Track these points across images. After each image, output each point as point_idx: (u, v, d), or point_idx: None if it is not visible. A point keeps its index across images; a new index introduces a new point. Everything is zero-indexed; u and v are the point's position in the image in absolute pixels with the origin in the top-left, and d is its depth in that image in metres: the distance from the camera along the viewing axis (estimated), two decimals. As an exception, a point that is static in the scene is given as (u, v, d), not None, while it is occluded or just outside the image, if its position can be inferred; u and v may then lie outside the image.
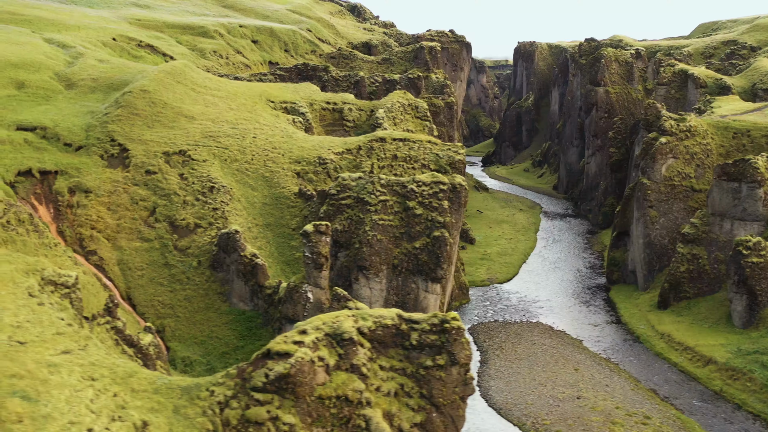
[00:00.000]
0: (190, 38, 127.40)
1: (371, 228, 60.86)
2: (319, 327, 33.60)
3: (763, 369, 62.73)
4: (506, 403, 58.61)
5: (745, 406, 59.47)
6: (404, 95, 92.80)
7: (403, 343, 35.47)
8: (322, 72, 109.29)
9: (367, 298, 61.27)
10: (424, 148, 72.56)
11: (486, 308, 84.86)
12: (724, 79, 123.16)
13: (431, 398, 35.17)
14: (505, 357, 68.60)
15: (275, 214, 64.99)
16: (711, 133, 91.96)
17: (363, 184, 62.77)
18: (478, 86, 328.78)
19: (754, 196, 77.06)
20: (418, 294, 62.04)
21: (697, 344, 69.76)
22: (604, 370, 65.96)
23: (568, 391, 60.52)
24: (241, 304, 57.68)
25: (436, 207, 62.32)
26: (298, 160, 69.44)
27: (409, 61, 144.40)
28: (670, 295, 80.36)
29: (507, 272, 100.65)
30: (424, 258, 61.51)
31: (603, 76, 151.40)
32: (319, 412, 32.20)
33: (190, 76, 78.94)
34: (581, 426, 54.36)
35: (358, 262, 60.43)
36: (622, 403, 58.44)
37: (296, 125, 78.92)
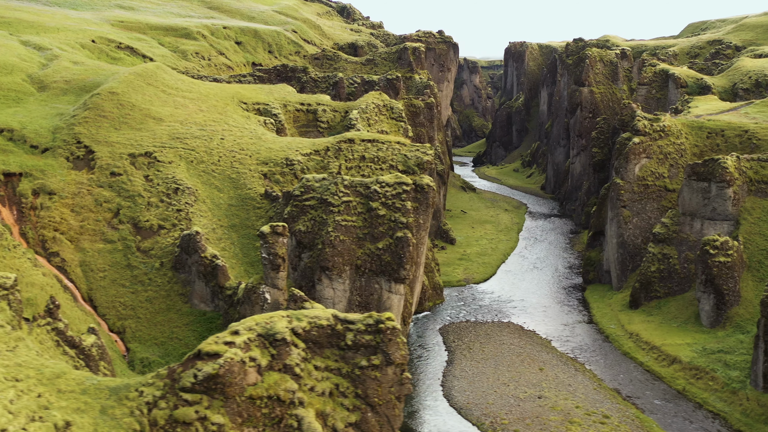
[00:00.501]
0: (172, 40, 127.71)
1: (334, 229, 61.11)
2: (252, 328, 33.86)
3: (726, 368, 62.99)
4: (467, 402, 58.87)
5: (706, 405, 59.73)
6: (380, 96, 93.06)
7: (338, 344, 35.73)
8: (301, 73, 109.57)
9: (331, 298, 61.52)
10: (392, 149, 72.82)
11: (459, 308, 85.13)
12: (705, 79, 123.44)
13: (366, 398, 35.43)
14: (472, 357, 68.84)
15: (241, 215, 65.26)
16: (685, 133, 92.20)
17: (326, 185, 63.04)
18: (471, 86, 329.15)
19: (724, 195, 77.31)
20: (382, 294, 62.28)
21: (664, 344, 70.03)
22: (569, 369, 66.20)
23: (530, 391, 60.77)
24: (202, 305, 57.95)
25: (399, 208, 62.57)
26: (265, 161, 69.70)
27: (393, 62, 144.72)
28: (641, 295, 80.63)
29: (484, 272, 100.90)
30: (387, 258, 61.75)
31: (587, 76, 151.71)
32: (250, 412, 32.45)
33: (162, 78, 79.21)
34: (539, 425, 54.61)
35: (321, 263, 60.68)
36: (583, 403, 58.69)
37: (267, 127, 79.18)
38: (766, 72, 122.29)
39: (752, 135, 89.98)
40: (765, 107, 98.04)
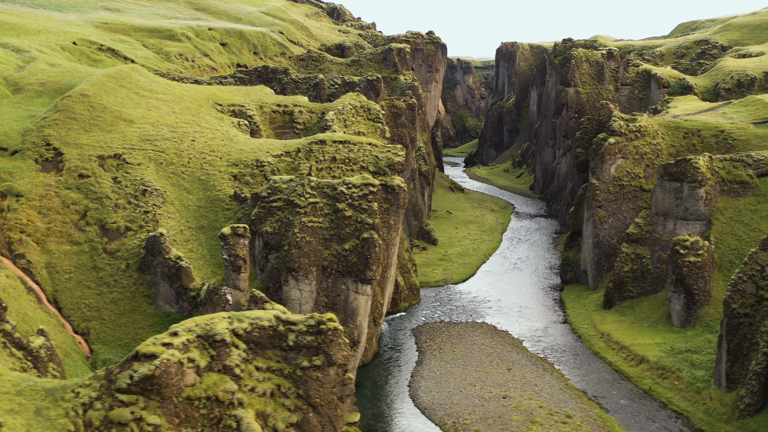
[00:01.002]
0: (156, 41, 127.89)
1: (300, 230, 61.35)
2: (191, 329, 34.11)
3: (691, 368, 63.25)
4: (432, 403, 59.10)
5: (670, 404, 59.98)
6: (357, 97, 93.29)
7: (280, 344, 35.97)
8: (282, 74, 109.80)
9: (297, 299, 61.77)
10: (363, 150, 73.06)
11: (435, 309, 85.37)
12: (687, 79, 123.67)
13: (308, 398, 35.69)
14: (442, 357, 69.08)
15: (209, 217, 65.50)
16: (662, 133, 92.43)
17: (293, 186, 63.29)
18: (464, 87, 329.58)
19: (695, 195, 77.56)
20: (348, 295, 62.53)
21: (633, 343, 70.28)
22: (537, 369, 66.43)
23: (495, 391, 61.02)
24: (167, 307, 58.20)
25: (366, 209, 62.81)
26: (235, 162, 69.95)
27: (379, 63, 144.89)
28: (615, 295, 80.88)
29: (464, 273, 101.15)
30: (354, 259, 61.99)
31: (573, 76, 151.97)
32: (188, 413, 32.70)
33: (136, 80, 79.47)
34: (500, 425, 54.85)
35: (287, 264, 60.90)
36: (547, 403, 58.91)
37: (241, 128, 79.43)
38: (747, 72, 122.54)
39: (728, 135, 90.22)
40: (742, 107, 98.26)
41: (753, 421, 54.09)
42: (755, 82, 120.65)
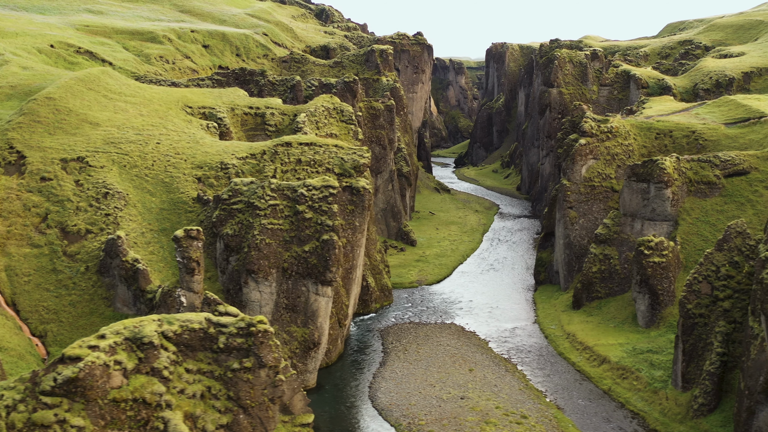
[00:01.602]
0: (137, 43, 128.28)
1: (260, 232, 61.64)
2: (119, 331, 34.41)
3: (651, 368, 63.51)
4: (390, 403, 59.36)
5: (628, 404, 60.23)
6: (330, 99, 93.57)
7: (211, 347, 36.28)
8: (260, 76, 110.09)
9: (257, 301, 62.07)
10: (329, 152, 73.34)
11: (406, 310, 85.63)
12: (666, 80, 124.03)
13: (238, 400, 35.97)
14: (406, 358, 69.34)
15: (172, 219, 65.79)
16: (634, 134, 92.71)
17: (254, 188, 63.58)
18: (456, 87, 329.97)
19: (662, 196, 77.82)
20: (309, 297, 62.82)
21: (597, 344, 70.53)
22: (499, 370, 66.69)
23: (454, 392, 61.26)
24: (125, 309, 58.49)
25: (326, 211, 63.11)
26: (200, 165, 70.25)
27: (361, 64, 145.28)
28: (583, 296, 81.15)
29: (439, 274, 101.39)
30: (314, 261, 62.28)
31: (556, 77, 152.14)
32: (114, 415, 32.99)
33: (105, 83, 79.78)
34: (454, 426, 55.10)
35: (247, 266, 61.20)
36: (504, 403, 59.17)
37: (210, 131, 79.72)
38: (726, 72, 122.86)
39: (699, 136, 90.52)
40: (715, 108, 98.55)
41: (706, 421, 54.36)
42: (734, 82, 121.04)
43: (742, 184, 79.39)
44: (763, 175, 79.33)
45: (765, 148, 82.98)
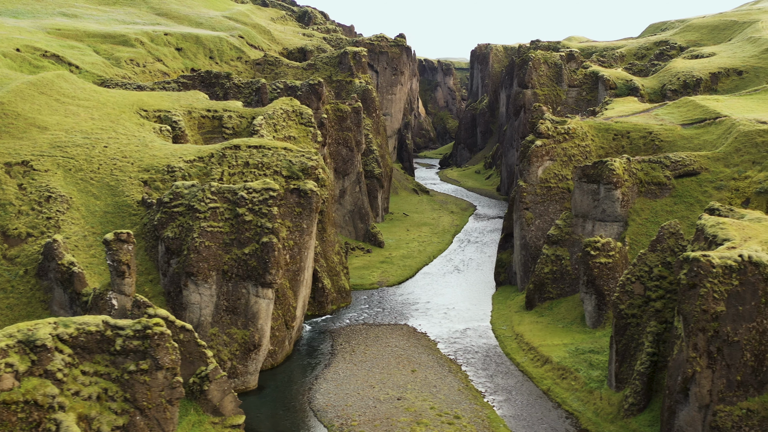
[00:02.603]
0: (109, 47, 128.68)
1: (199, 235, 62.07)
2: (12, 334, 34.83)
3: (589, 368, 63.91)
4: (326, 405, 59.75)
5: (564, 404, 60.63)
6: (290, 102, 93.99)
7: (108, 349, 36.69)
8: (225, 79, 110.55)
9: (197, 303, 62.52)
10: (278, 155, 73.77)
11: (362, 311, 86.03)
12: (634, 81, 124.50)
13: (135, 402, 36.39)
14: (351, 359, 69.72)
15: (116, 222, 66.21)
16: (591, 135, 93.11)
17: (195, 191, 64.02)
18: (445, 88, 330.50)
19: (612, 197, 78.23)
20: (249, 299, 63.26)
21: (542, 344, 70.93)
22: (442, 371, 67.07)
23: (392, 393, 61.65)
24: (61, 312, 58.91)
25: (266, 213, 63.54)
26: (147, 168, 70.69)
27: (334, 66, 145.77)
28: (535, 296, 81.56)
29: (402, 275, 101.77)
30: (254, 263, 62.72)
31: (531, 78, 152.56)
32: (4, 417, 33.39)
33: (59, 87, 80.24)
34: (386, 426, 55.50)
35: (186, 269, 61.63)
36: (440, 404, 59.54)
37: (163, 134, 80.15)
38: (694, 73, 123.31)
39: (655, 137, 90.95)
40: (675, 109, 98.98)
41: (635, 421, 54.76)
42: (701, 83, 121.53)
43: (692, 184, 79.85)
44: (713, 175, 79.78)
45: (717, 149, 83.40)
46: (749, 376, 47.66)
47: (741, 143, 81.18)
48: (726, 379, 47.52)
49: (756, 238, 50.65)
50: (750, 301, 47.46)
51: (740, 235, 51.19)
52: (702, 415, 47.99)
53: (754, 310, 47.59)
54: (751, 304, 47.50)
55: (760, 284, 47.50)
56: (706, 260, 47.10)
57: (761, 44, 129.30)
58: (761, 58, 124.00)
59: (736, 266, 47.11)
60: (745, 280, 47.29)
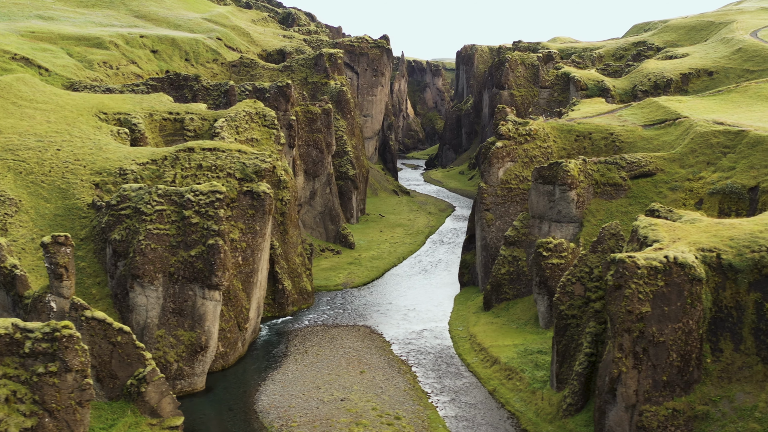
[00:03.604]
0: (82, 49, 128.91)
1: (145, 237, 62.38)
2: None
3: (534, 369, 64.23)
4: (270, 406, 60.06)
5: (507, 405, 60.93)
6: (253, 104, 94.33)
7: (18, 351, 37.01)
8: (194, 81, 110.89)
9: (144, 305, 62.80)
10: (232, 157, 74.09)
11: (323, 312, 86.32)
12: (605, 81, 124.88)
13: (44, 404, 36.70)
14: (302, 361, 70.02)
15: (65, 225, 66.51)
16: (553, 136, 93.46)
17: (141, 194, 64.33)
18: (433, 89, 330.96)
19: (567, 198, 78.58)
20: (196, 301, 63.56)
21: (493, 345, 71.25)
22: (391, 372, 67.37)
23: (337, 394, 61.95)
24: (4, 314, 59.19)
25: (212, 216, 63.86)
26: (99, 171, 71.01)
27: (310, 68, 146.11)
28: (493, 297, 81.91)
29: (368, 276, 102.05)
30: (200, 266, 63.04)
31: (507, 79, 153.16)
32: None
33: (17, 90, 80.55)
34: (325, 427, 55.80)
35: (132, 271, 61.95)
36: (383, 405, 59.84)
37: (120, 137, 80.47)
38: (664, 74, 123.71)
39: (616, 137, 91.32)
40: (638, 110, 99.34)
41: (572, 421, 55.06)
42: (671, 83, 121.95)
43: (648, 185, 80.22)
44: (668, 176, 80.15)
45: (675, 149, 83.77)
46: (675, 377, 47.98)
47: (697, 144, 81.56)
48: (652, 380, 47.85)
49: (685, 239, 50.98)
50: (675, 301, 47.80)
51: (670, 237, 51.53)
52: (629, 415, 48.33)
53: (680, 310, 47.94)
54: (676, 304, 47.85)
55: (686, 285, 47.85)
56: (631, 261, 47.42)
57: (733, 45, 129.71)
58: (731, 58, 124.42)
59: (661, 267, 47.45)
60: (670, 281, 47.63)
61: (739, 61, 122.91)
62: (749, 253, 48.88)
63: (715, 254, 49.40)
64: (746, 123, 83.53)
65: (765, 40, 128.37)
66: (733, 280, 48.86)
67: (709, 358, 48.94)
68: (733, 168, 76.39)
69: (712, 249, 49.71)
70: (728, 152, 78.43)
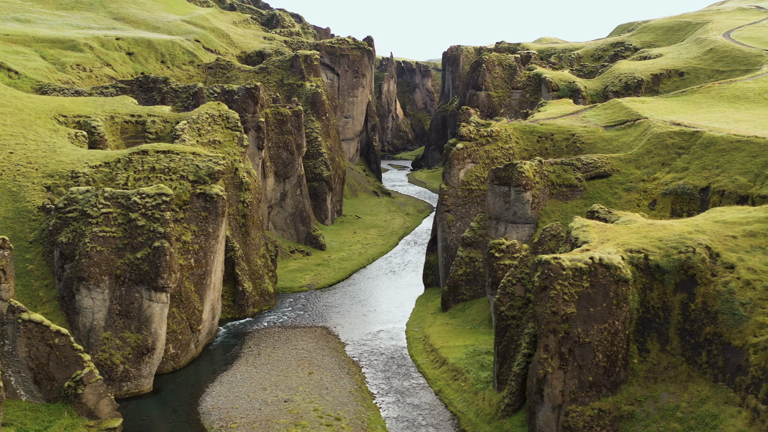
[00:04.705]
0: (56, 52, 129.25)
1: (91, 240, 62.69)
2: None
3: (479, 369, 64.53)
4: (213, 407, 60.34)
5: (450, 406, 61.24)
6: (217, 106, 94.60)
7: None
8: (162, 84, 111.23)
9: (90, 308, 63.10)
10: (185, 159, 74.38)
11: (283, 314, 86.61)
12: (576, 82, 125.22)
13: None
14: (254, 362, 70.32)
15: (15, 228, 66.81)
16: (516, 138, 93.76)
17: (88, 197, 64.65)
18: (423, 90, 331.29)
19: (522, 199, 78.88)
20: (142, 303, 63.85)
21: (444, 346, 71.55)
22: (339, 373, 67.64)
23: (281, 395, 62.25)
24: (-52, 317, 59.45)
25: (158, 218, 64.16)
26: (51, 174, 71.32)
27: (286, 69, 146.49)
28: (450, 298, 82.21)
29: (334, 277, 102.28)
30: (146, 268, 63.33)
31: (484, 80, 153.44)
32: None
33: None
34: (264, 428, 56.10)
35: (78, 274, 62.25)
36: (325, 406, 60.12)
37: (78, 140, 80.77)
38: (635, 75, 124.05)
39: (577, 138, 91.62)
40: (602, 111, 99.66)
41: (509, 421, 55.36)
42: (642, 84, 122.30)
43: (603, 186, 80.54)
44: (624, 177, 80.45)
45: (632, 150, 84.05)
46: (601, 377, 48.27)
47: (652, 145, 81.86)
48: (578, 380, 48.13)
49: (614, 240, 51.29)
50: (601, 302, 48.10)
51: (600, 238, 51.83)
52: (556, 416, 48.62)
53: (606, 311, 48.23)
54: (602, 305, 48.15)
55: (611, 286, 48.16)
56: (556, 263, 47.72)
57: (705, 45, 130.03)
58: (703, 59, 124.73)
59: (586, 268, 47.75)
60: (595, 282, 47.93)
61: (710, 61, 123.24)
62: (676, 254, 49.20)
63: (643, 255, 49.72)
64: (703, 124, 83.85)
65: (736, 40, 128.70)
66: (660, 281, 49.19)
67: (636, 358, 49.26)
68: (686, 169, 76.71)
69: (641, 250, 50.02)
70: (683, 153, 78.74)
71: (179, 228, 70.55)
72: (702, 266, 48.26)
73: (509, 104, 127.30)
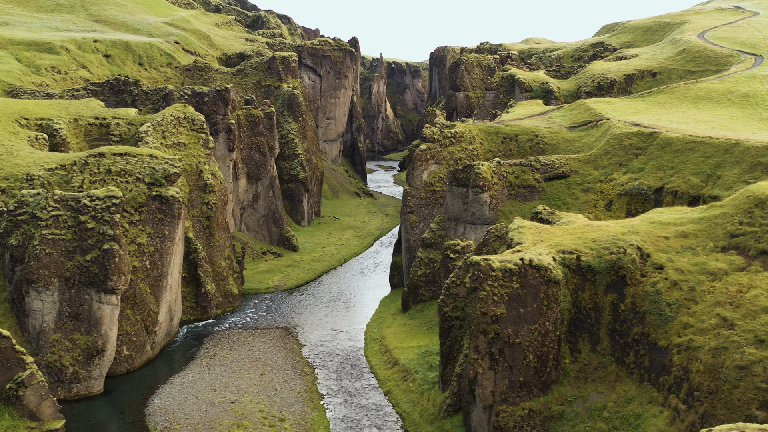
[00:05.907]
0: (32, 54, 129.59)
1: (40, 242, 63.01)
2: None
3: (428, 370, 64.81)
4: (159, 408, 60.62)
5: (397, 406, 61.52)
6: (183, 108, 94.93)
7: None
8: (133, 86, 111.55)
9: (39, 310, 63.41)
10: (142, 162, 74.70)
11: (246, 315, 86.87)
12: (550, 83, 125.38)
13: None
14: (208, 363, 70.59)
15: (-33, 231, 67.03)
16: (480, 139, 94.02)
17: (38, 199, 64.95)
18: (413, 91, 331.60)
19: (480, 200, 79.16)
20: (92, 305, 64.14)
21: (397, 347, 71.83)
22: (291, 374, 67.92)
23: (230, 396, 62.53)
24: None
25: (108, 221, 64.47)
26: (6, 177, 71.62)
27: (263, 71, 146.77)
28: (410, 299, 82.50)
29: (302, 279, 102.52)
30: (95, 270, 63.63)
31: (463, 81, 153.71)
32: None
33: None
34: (206, 429, 56.39)
35: (27, 276, 62.57)
36: (271, 407, 60.42)
37: (38, 143, 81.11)
38: (608, 75, 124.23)
39: (541, 139, 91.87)
40: (568, 112, 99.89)
41: (449, 422, 55.62)
42: (615, 84, 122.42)
43: (561, 187, 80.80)
44: (582, 177, 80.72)
45: (592, 151, 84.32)
46: (532, 377, 48.54)
47: (611, 145, 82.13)
48: (508, 380, 48.39)
49: (548, 241, 51.55)
50: (531, 303, 48.37)
51: (533, 239, 52.09)
52: (487, 416, 48.89)
53: (536, 312, 48.50)
54: (532, 306, 48.42)
55: (541, 287, 48.43)
56: (485, 264, 48.00)
57: (679, 46, 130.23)
58: (676, 59, 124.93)
59: (516, 269, 48.02)
60: (525, 283, 48.20)
61: (683, 62, 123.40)
62: (608, 254, 49.49)
63: (575, 256, 50.00)
64: (663, 124, 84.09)
65: (710, 41, 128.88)
66: (592, 282, 49.48)
67: (568, 358, 49.54)
68: (642, 169, 76.97)
69: (573, 251, 50.30)
70: (640, 154, 79.00)
71: (134, 230, 70.89)
72: (632, 267, 48.57)
73: (483, 105, 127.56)
